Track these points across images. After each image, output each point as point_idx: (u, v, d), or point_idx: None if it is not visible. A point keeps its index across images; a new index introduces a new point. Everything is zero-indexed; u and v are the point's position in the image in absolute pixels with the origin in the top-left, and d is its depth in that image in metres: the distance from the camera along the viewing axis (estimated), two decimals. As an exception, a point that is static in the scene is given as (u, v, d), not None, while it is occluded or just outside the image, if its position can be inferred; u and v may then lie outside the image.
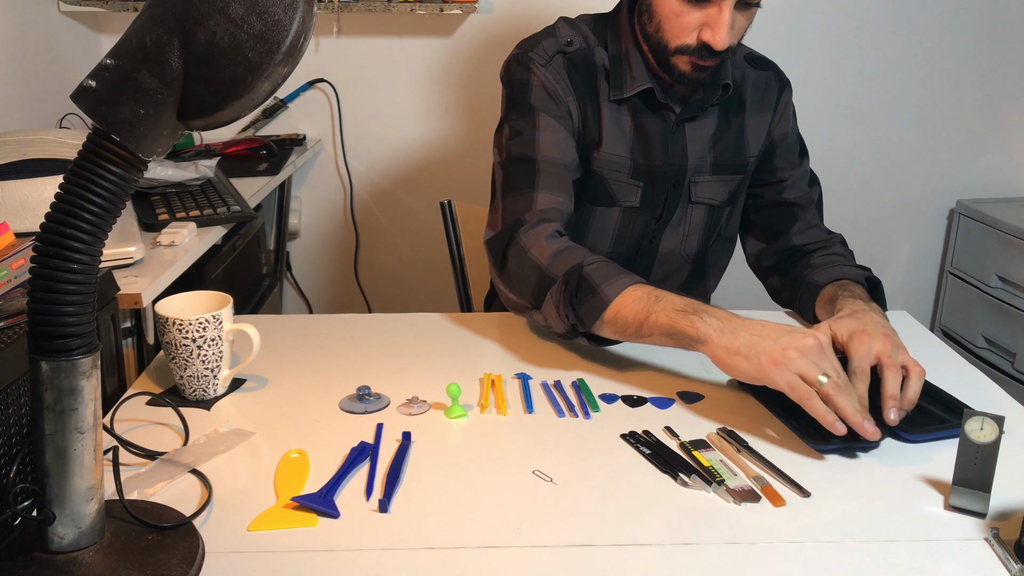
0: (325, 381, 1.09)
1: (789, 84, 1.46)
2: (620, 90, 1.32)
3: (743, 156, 1.41)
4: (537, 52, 1.33)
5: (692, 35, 1.23)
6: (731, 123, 1.40)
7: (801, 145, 1.47)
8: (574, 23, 1.39)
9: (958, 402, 1.01)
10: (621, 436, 0.97)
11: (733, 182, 1.42)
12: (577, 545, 0.78)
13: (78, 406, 0.68)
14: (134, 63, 0.63)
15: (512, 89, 1.34)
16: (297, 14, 0.64)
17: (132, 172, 0.65)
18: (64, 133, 1.57)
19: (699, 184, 1.39)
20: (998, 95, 2.56)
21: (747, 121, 1.41)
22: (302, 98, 2.49)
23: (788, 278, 1.39)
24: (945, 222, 2.70)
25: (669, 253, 1.44)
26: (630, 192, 1.37)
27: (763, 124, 1.42)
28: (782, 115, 1.44)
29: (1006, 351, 2.43)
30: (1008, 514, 0.84)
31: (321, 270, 2.66)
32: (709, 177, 1.40)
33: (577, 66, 1.33)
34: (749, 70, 1.42)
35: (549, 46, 1.33)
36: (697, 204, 1.41)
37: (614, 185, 1.36)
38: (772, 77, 1.44)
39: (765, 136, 1.42)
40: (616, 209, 1.38)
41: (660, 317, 1.05)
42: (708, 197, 1.41)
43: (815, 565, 0.76)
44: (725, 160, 1.40)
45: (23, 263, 0.90)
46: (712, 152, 1.39)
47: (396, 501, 0.84)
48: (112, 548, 0.72)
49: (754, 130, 1.41)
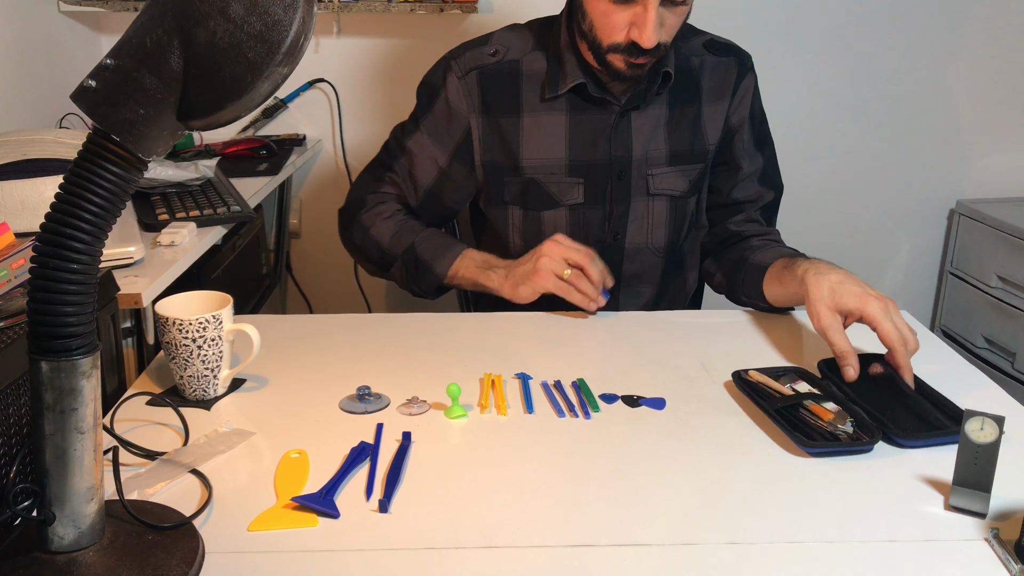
0: (325, 381, 1.09)
1: (751, 69, 1.46)
2: (555, 88, 1.37)
3: (701, 145, 1.43)
4: (458, 62, 1.41)
5: (621, 33, 1.27)
6: (686, 112, 1.41)
7: (761, 135, 1.48)
8: (518, 29, 1.44)
9: (955, 407, 0.99)
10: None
11: (693, 171, 1.43)
12: (577, 545, 0.78)
13: (78, 406, 0.68)
14: (134, 63, 0.63)
15: (421, 93, 1.45)
16: (297, 14, 0.64)
17: (132, 172, 0.65)
18: (64, 133, 1.56)
19: (656, 176, 1.41)
20: (998, 95, 2.56)
21: (703, 109, 1.42)
22: (302, 98, 2.48)
23: (725, 260, 1.44)
24: (945, 222, 2.70)
25: (637, 248, 1.45)
26: (570, 190, 1.41)
27: (720, 111, 1.43)
28: (740, 100, 1.45)
29: (1006, 351, 2.43)
30: (1008, 514, 0.84)
31: (321, 270, 2.66)
32: (667, 168, 1.42)
33: (494, 80, 1.40)
34: (708, 57, 1.44)
35: (471, 59, 1.41)
36: (658, 196, 1.43)
37: (553, 187, 1.41)
38: (732, 63, 1.45)
39: (723, 123, 1.44)
40: (562, 209, 1.42)
41: (467, 272, 1.36)
42: (668, 188, 1.42)
43: (815, 565, 0.76)
44: (682, 149, 1.42)
45: (23, 263, 0.90)
46: (668, 142, 1.41)
47: (396, 501, 0.84)
48: (112, 548, 0.72)
49: (711, 118, 1.43)
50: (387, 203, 1.45)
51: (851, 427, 0.96)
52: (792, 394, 1.03)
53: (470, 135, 1.41)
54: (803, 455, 0.93)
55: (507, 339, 1.24)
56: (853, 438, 0.94)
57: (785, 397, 1.02)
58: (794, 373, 1.09)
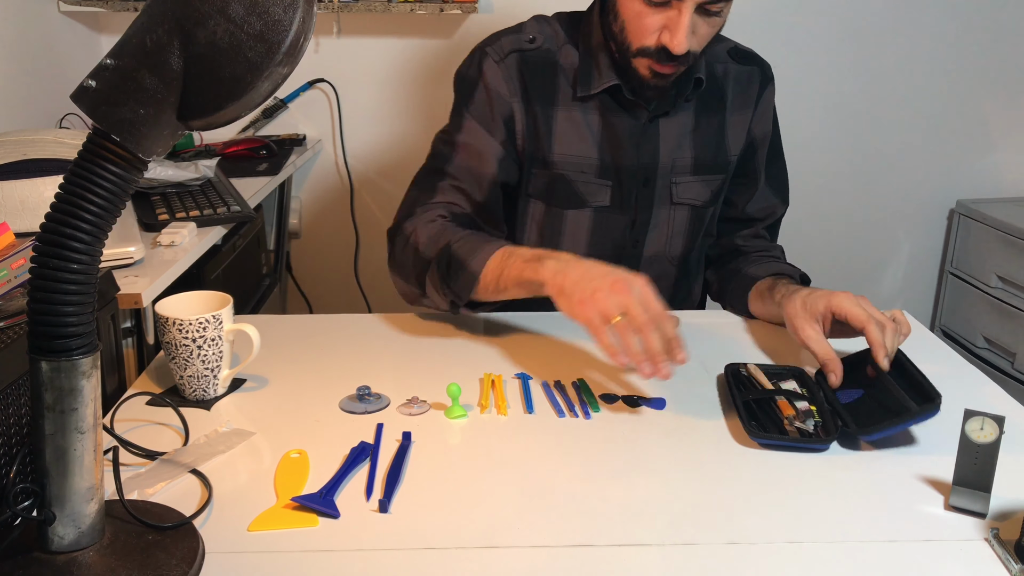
0: (325, 381, 1.09)
1: (772, 81, 1.45)
2: (588, 87, 1.33)
3: (724, 155, 1.41)
4: (494, 48, 1.34)
5: (653, 37, 1.23)
6: (711, 120, 1.39)
7: (777, 148, 1.48)
8: (547, 20, 1.39)
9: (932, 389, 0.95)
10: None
11: (715, 182, 1.41)
12: (577, 545, 0.78)
13: (78, 406, 0.68)
14: (134, 63, 0.63)
15: (459, 85, 1.37)
16: (297, 14, 0.64)
17: (132, 172, 0.65)
18: (64, 133, 1.56)
19: (680, 184, 1.39)
20: (998, 95, 2.56)
21: (728, 118, 1.40)
22: (302, 98, 2.49)
23: (723, 270, 1.44)
24: (945, 222, 2.70)
25: (654, 257, 1.43)
26: (599, 192, 1.37)
27: (743, 121, 1.42)
28: (763, 113, 1.44)
29: (1006, 351, 2.43)
30: (1008, 514, 0.84)
31: (321, 270, 2.66)
32: (690, 177, 1.39)
33: (533, 66, 1.34)
34: (732, 65, 1.41)
35: (508, 43, 1.35)
36: (680, 205, 1.40)
37: (581, 186, 1.36)
38: (756, 72, 1.43)
39: (745, 134, 1.42)
40: (587, 210, 1.38)
41: (511, 270, 1.12)
42: (690, 198, 1.40)
43: (815, 565, 0.76)
44: (706, 160, 1.39)
45: (23, 263, 0.90)
46: (692, 151, 1.38)
47: (396, 501, 0.84)
48: (112, 548, 0.72)
49: (734, 128, 1.41)
50: (434, 210, 1.30)
51: (812, 426, 0.97)
52: (771, 388, 1.04)
53: (513, 119, 1.34)
54: (803, 455, 0.93)
55: (507, 339, 1.24)
56: (805, 435, 0.95)
57: (758, 390, 1.04)
58: (788, 373, 1.09)
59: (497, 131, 1.34)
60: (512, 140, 1.35)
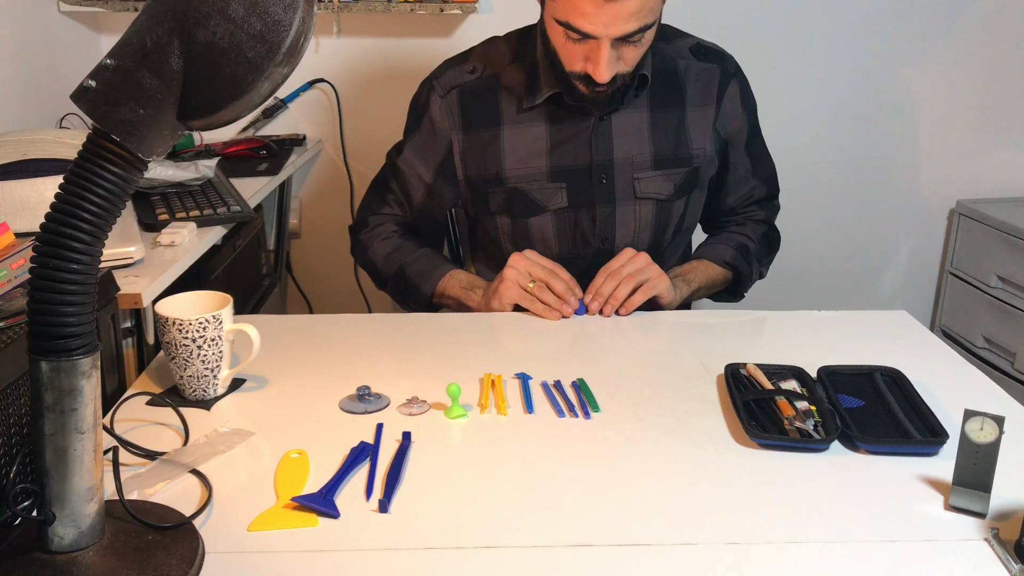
0: (325, 381, 1.09)
1: (735, 76, 1.47)
2: (533, 98, 1.40)
3: (685, 149, 1.44)
4: (439, 82, 1.47)
5: (579, 64, 1.29)
6: (669, 115, 1.43)
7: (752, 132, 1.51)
8: (496, 43, 1.48)
9: (939, 425, 0.96)
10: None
11: (678, 175, 1.44)
12: (577, 545, 0.78)
13: (78, 406, 0.68)
14: (134, 63, 0.63)
15: (411, 111, 1.51)
16: (297, 14, 0.64)
17: (132, 172, 0.65)
18: (64, 133, 1.56)
19: (642, 180, 1.43)
20: (998, 95, 2.56)
21: (688, 114, 1.43)
22: (302, 98, 2.48)
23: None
24: (945, 222, 2.70)
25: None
26: (554, 195, 1.43)
27: (706, 118, 1.45)
28: (729, 112, 1.47)
29: (1006, 351, 2.43)
30: (1008, 514, 0.84)
31: (321, 270, 2.66)
32: (652, 172, 1.43)
33: (474, 96, 1.44)
34: (693, 61, 1.45)
35: (450, 79, 1.46)
36: (644, 200, 1.44)
37: (536, 193, 1.44)
38: (715, 70, 1.45)
39: (711, 132, 1.45)
40: (547, 215, 1.44)
41: (452, 292, 1.43)
42: (653, 192, 1.44)
43: (815, 565, 0.76)
44: (667, 154, 1.43)
45: (23, 263, 0.90)
46: (652, 146, 1.42)
47: (396, 501, 0.84)
48: (112, 548, 0.72)
49: (696, 124, 1.44)
50: (385, 224, 1.53)
51: (812, 426, 0.97)
52: (771, 388, 1.04)
53: (451, 151, 1.46)
54: (803, 455, 0.93)
55: (507, 339, 1.24)
56: (805, 435, 0.95)
57: (758, 390, 1.03)
58: (788, 373, 1.09)
59: (431, 162, 1.47)
60: (450, 169, 1.46)
